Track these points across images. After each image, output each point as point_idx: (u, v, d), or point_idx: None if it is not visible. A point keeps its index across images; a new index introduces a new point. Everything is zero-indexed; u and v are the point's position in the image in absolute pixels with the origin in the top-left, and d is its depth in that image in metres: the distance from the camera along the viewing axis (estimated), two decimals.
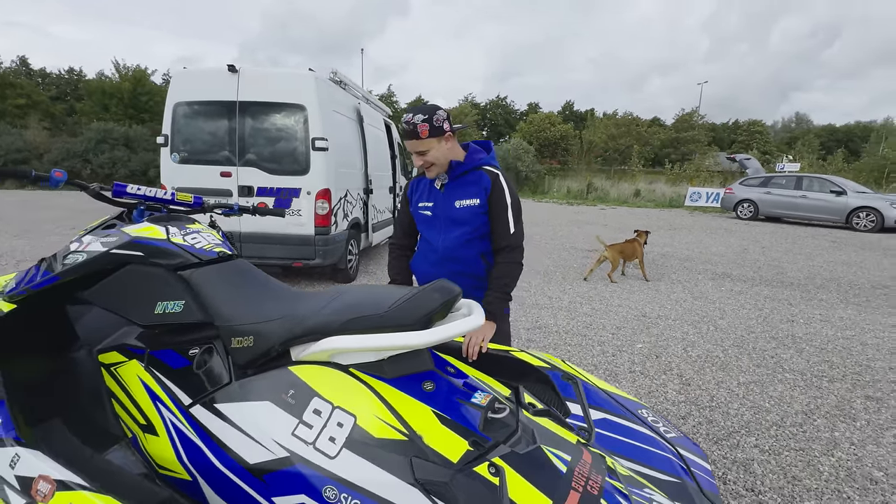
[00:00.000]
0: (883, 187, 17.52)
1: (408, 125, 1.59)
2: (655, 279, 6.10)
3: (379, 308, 0.98)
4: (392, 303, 0.99)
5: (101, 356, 1.51)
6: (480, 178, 1.68)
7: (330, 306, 1.05)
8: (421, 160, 1.62)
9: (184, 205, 1.63)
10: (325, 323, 1.01)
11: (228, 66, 4.53)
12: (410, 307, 0.97)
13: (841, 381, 3.10)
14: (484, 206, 1.66)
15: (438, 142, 1.61)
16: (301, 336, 1.04)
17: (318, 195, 4.62)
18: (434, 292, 1.01)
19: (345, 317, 1.00)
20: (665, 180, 24.07)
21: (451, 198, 1.70)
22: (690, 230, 11.42)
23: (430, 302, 0.99)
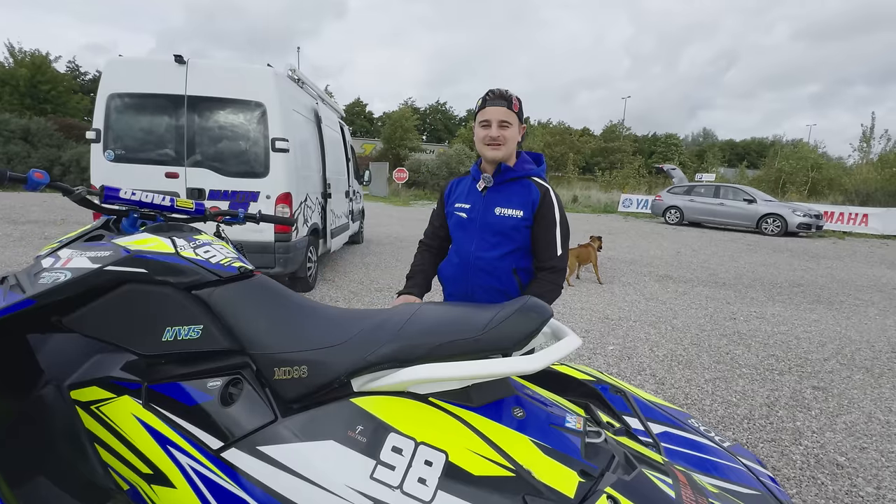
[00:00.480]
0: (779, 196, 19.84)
1: (500, 91, 1.51)
2: (608, 282, 6.40)
3: (472, 330, 0.89)
4: (486, 324, 0.90)
5: (73, 393, 1.26)
6: (529, 189, 1.57)
7: (407, 329, 0.94)
8: (497, 132, 1.49)
9: (184, 212, 1.42)
10: (408, 348, 0.90)
11: (175, 57, 4.11)
12: (509, 329, 0.89)
13: (789, 374, 3.42)
14: (528, 220, 1.55)
15: (518, 126, 1.55)
16: (376, 364, 0.92)
17: (279, 199, 4.33)
18: (530, 311, 0.94)
19: (433, 341, 0.89)
20: (598, 187, 25.57)
21: (492, 203, 1.57)
22: (628, 234, 12.19)
23: (529, 323, 0.91)
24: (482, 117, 1.53)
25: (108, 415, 1.21)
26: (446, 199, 1.73)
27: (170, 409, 1.12)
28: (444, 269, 1.74)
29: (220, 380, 1.11)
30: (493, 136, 1.51)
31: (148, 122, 4.22)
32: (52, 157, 18.88)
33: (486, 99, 1.54)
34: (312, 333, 1.02)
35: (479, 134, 1.55)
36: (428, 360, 0.89)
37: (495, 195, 1.59)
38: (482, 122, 1.53)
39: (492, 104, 1.52)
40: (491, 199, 1.59)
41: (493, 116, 1.51)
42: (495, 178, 1.59)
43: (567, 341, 0.97)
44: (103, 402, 1.22)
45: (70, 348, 1.32)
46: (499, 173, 1.59)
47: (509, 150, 1.56)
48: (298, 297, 1.21)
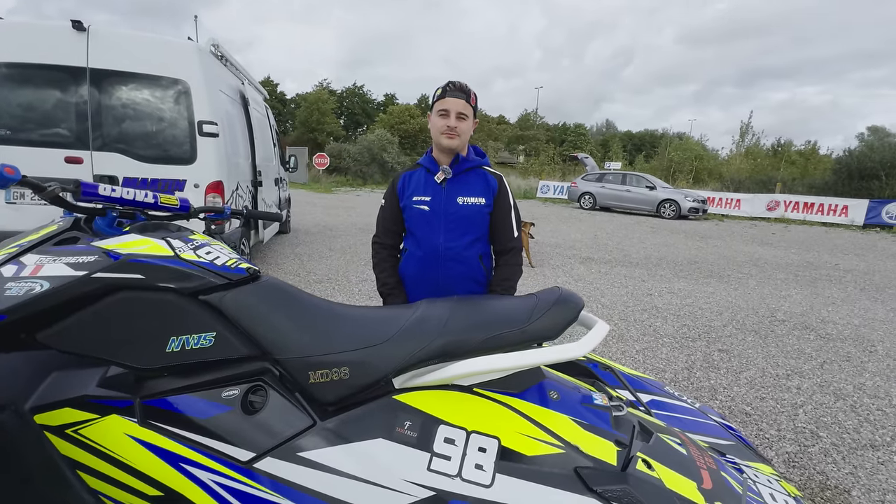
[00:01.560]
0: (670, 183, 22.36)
1: (460, 84, 1.57)
2: (539, 265, 6.81)
3: (517, 322, 0.95)
4: (529, 316, 0.96)
5: (38, 417, 1.12)
6: (486, 178, 1.67)
7: (453, 324, 0.97)
8: (455, 123, 1.55)
9: (167, 209, 1.29)
10: (457, 342, 0.94)
11: (73, 23, 3.54)
12: (551, 319, 0.96)
13: (699, 340, 3.96)
14: (489, 207, 1.65)
15: (473, 119, 1.62)
16: (426, 360, 0.94)
17: (209, 188, 3.97)
18: (567, 302, 1.01)
19: (482, 334, 0.94)
20: (517, 174, 26.69)
21: (454, 193, 1.64)
22: (549, 220, 12.96)
23: (568, 313, 0.99)
24: (441, 107, 1.59)
25: (92, 438, 1.09)
26: (400, 194, 1.72)
27: (176, 425, 1.05)
28: (407, 267, 1.73)
29: (237, 389, 1.05)
30: (451, 125, 1.57)
31: (39, 98, 3.61)
32: None
33: (445, 90, 1.60)
34: (349, 333, 1.01)
35: (437, 123, 1.61)
36: (477, 353, 0.94)
37: (455, 185, 1.66)
38: (440, 111, 1.59)
39: (451, 95, 1.59)
40: (452, 190, 1.65)
41: (452, 107, 1.58)
42: (453, 169, 1.65)
43: (600, 327, 1.08)
44: (83, 425, 1.10)
45: (12, 368, 1.15)
46: (456, 164, 1.66)
47: (463, 142, 1.64)
48: (313, 298, 1.18)
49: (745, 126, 28.15)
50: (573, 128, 53.51)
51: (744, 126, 28.15)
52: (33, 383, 1.14)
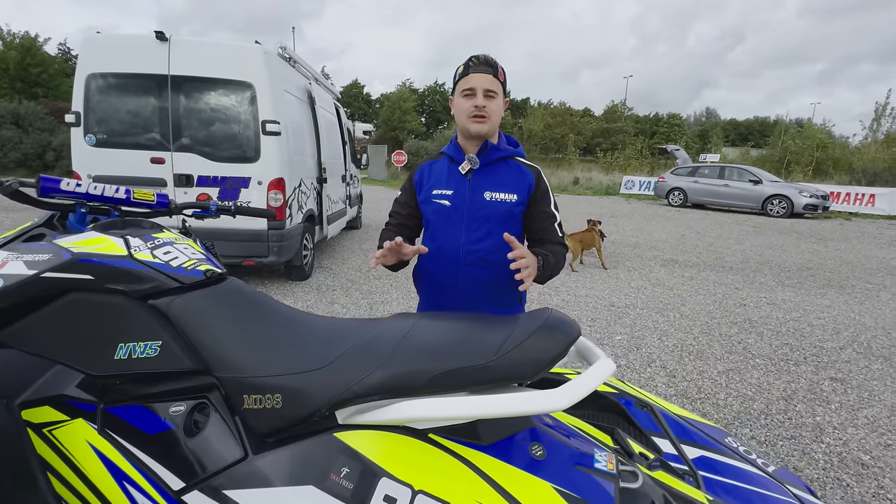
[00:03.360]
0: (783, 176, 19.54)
1: (485, 57, 1.34)
2: (612, 267, 6.24)
3: (481, 355, 0.73)
4: (499, 346, 0.73)
5: (25, 413, 1.10)
6: (521, 171, 1.42)
7: (401, 351, 0.77)
8: (484, 102, 1.32)
9: (143, 205, 1.24)
10: (402, 377, 0.74)
11: (156, 34, 3.86)
12: (527, 353, 0.73)
13: (805, 364, 3.28)
14: (522, 204, 1.40)
15: (503, 99, 1.39)
16: (363, 396, 0.76)
17: (271, 185, 4.13)
18: (553, 331, 0.77)
19: (433, 367, 0.73)
20: (599, 168, 25.22)
21: (480, 187, 1.40)
22: (631, 217, 11.98)
23: (552, 345, 0.75)
24: (465, 85, 1.36)
25: (60, 440, 1.05)
26: (418, 187, 1.50)
27: (127, 438, 0.97)
28: (423, 270, 1.51)
29: (184, 404, 0.95)
30: (479, 104, 1.33)
31: (130, 104, 4.00)
32: (44, 141, 18.52)
33: (468, 65, 1.36)
34: (290, 353, 0.86)
35: (461, 105, 1.37)
36: (427, 391, 0.73)
37: (482, 178, 1.41)
38: (465, 91, 1.36)
39: (476, 70, 1.35)
40: (478, 183, 1.41)
41: (478, 84, 1.34)
42: (481, 159, 1.41)
43: (599, 367, 0.81)
44: (56, 426, 1.07)
45: (24, 360, 1.16)
46: (485, 152, 1.41)
47: (494, 125, 1.40)
48: (279, 307, 1.04)
49: (881, 108, 23.72)
50: (666, 118, 49.36)
51: (879, 108, 23.72)
52: (32, 378, 1.14)
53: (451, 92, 1.44)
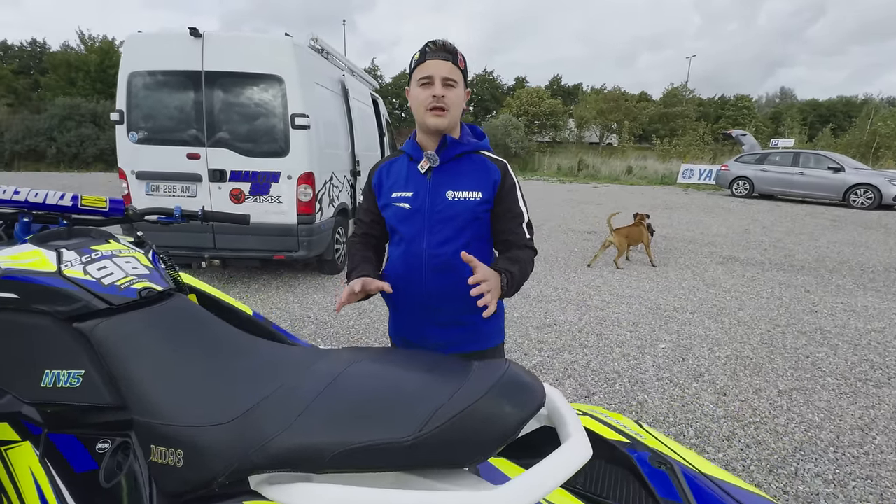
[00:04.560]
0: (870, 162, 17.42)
1: (443, 42, 1.21)
2: (662, 264, 5.77)
3: (403, 427, 0.55)
4: (427, 417, 0.55)
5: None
6: (485, 167, 1.27)
7: (314, 411, 0.61)
8: (442, 92, 1.18)
9: (94, 213, 1.15)
10: (304, 449, 0.58)
11: (190, 30, 3.91)
12: (461, 431, 0.55)
13: (889, 386, 2.80)
14: (488, 202, 1.26)
15: (464, 88, 1.25)
16: (264, 467, 0.61)
17: (301, 179, 4.11)
18: (503, 399, 0.58)
19: (340, 440, 0.56)
20: (655, 156, 23.78)
21: (441, 186, 1.26)
22: (688, 209, 11.14)
23: (499, 422, 0.56)
24: (421, 73, 1.21)
25: (11, 461, 0.99)
26: (377, 190, 1.35)
27: (59, 472, 0.88)
28: (394, 272, 1.35)
29: (109, 441, 0.85)
30: (437, 94, 1.18)
31: (168, 101, 4.10)
32: None
33: (424, 51, 1.21)
34: (202, 398, 0.72)
35: (418, 96, 1.22)
36: (333, 469, 0.57)
37: (444, 176, 1.27)
38: (422, 79, 1.21)
39: (433, 57, 1.20)
40: (439, 182, 1.26)
41: (435, 72, 1.19)
42: (440, 155, 1.26)
43: (567, 454, 0.60)
44: (10, 446, 1.01)
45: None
46: (444, 148, 1.25)
47: (454, 118, 1.24)
48: (224, 333, 0.91)
49: None
50: (733, 101, 45.62)
51: None
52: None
53: (408, 82, 1.29)
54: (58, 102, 21.74)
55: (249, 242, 4.22)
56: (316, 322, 3.71)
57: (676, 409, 2.52)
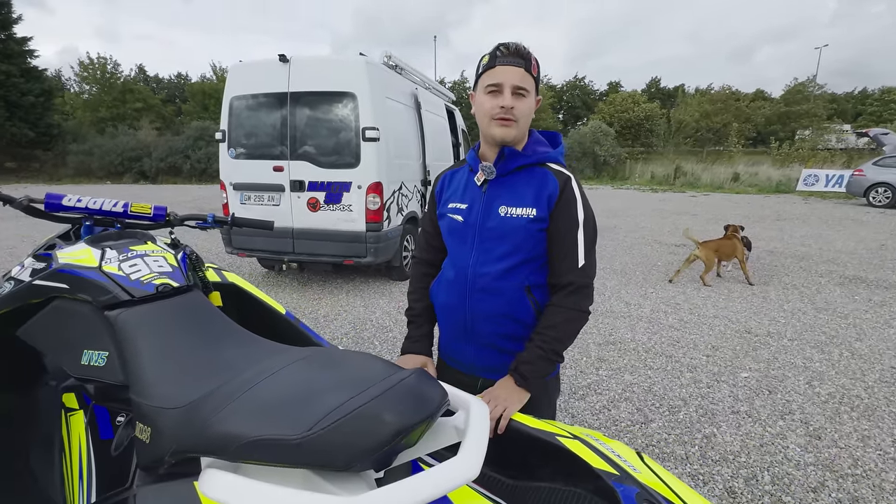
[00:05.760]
0: None
1: (516, 46, 1.10)
2: (762, 283, 5.08)
3: (298, 425, 0.56)
4: (320, 417, 0.56)
5: (65, 396, 1.27)
6: (544, 180, 1.15)
7: (244, 402, 0.65)
8: (511, 102, 1.08)
9: (141, 218, 1.33)
10: (220, 437, 0.62)
11: (279, 56, 4.36)
12: (342, 434, 0.55)
13: None
14: (543, 220, 1.14)
15: (535, 98, 1.15)
16: (191, 450, 0.66)
17: (370, 189, 4.34)
18: (385, 407, 0.57)
19: (246, 432, 0.59)
20: (771, 161, 21.10)
21: (495, 200, 1.18)
22: (805, 221, 9.70)
23: (373, 430, 0.55)
24: (490, 80, 1.11)
25: (70, 426, 1.18)
26: (438, 197, 1.32)
27: (93, 438, 1.04)
28: (437, 291, 1.32)
29: (124, 416, 0.98)
30: (505, 105, 1.08)
31: (261, 120, 4.59)
32: None
33: (495, 55, 1.11)
34: (178, 383, 0.79)
35: (484, 104, 1.13)
36: (239, 458, 0.59)
37: (498, 190, 1.18)
38: (489, 87, 1.11)
39: (504, 63, 1.09)
40: (494, 195, 1.18)
41: (506, 79, 1.08)
42: (497, 168, 1.17)
43: (437, 473, 0.55)
44: (72, 412, 1.20)
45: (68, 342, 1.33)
46: (502, 160, 1.16)
47: (522, 130, 1.14)
48: (225, 329, 1.00)
49: None
50: (878, 94, 38.93)
51: None
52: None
53: (473, 87, 1.22)
54: (192, 125, 25.47)
55: (323, 248, 4.54)
56: (377, 326, 3.87)
57: (752, 449, 2.19)
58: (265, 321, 1.50)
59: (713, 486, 1.95)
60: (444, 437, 0.73)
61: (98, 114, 32.17)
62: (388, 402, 0.58)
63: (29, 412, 1.27)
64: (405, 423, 0.57)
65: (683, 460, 2.12)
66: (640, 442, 2.25)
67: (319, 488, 0.59)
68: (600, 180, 23.80)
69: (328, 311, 4.21)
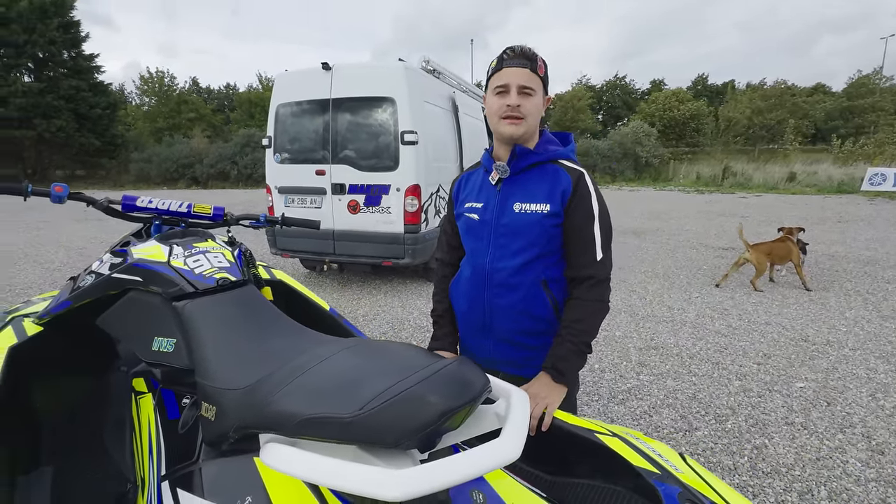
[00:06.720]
0: None
1: (521, 48, 1.16)
2: (821, 289, 4.77)
3: (350, 405, 0.61)
4: (370, 398, 0.60)
5: (135, 381, 1.38)
6: (557, 177, 1.19)
7: (296, 386, 0.70)
8: (518, 101, 1.14)
9: (202, 217, 1.43)
10: (280, 414, 0.67)
11: (322, 65, 4.53)
12: (390, 415, 0.58)
13: None
14: (557, 216, 1.18)
15: (543, 96, 1.20)
16: (253, 426, 0.71)
17: (408, 192, 4.42)
18: (430, 390, 0.60)
19: (305, 410, 0.64)
20: (832, 160, 19.75)
21: (509, 198, 1.23)
22: (871, 223, 9.02)
23: (421, 410, 0.58)
24: (497, 82, 1.18)
25: (140, 409, 1.29)
26: (455, 199, 1.38)
27: (161, 418, 1.13)
28: (455, 288, 1.37)
29: (189, 398, 1.06)
30: (512, 103, 1.14)
31: (305, 126, 4.78)
32: None
33: (502, 58, 1.18)
34: (238, 368, 0.86)
35: (493, 105, 1.19)
36: (297, 434, 0.64)
37: (512, 187, 1.23)
38: (497, 88, 1.18)
39: (510, 64, 1.16)
40: (507, 193, 1.23)
41: (512, 80, 1.15)
42: (511, 166, 1.22)
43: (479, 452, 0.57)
44: (141, 395, 1.31)
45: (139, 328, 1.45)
46: (514, 158, 1.21)
47: (531, 127, 1.19)
48: (274, 318, 1.07)
49: None
50: None
51: None
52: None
53: (484, 89, 1.28)
54: (240, 133, 26.78)
55: (362, 249, 4.66)
56: (414, 326, 3.93)
57: (807, 463, 2.07)
58: (311, 316, 1.58)
59: (763, 498, 1.86)
60: (486, 422, 0.76)
61: (156, 124, 34.49)
62: (434, 385, 0.61)
63: (103, 395, 1.39)
64: (449, 406, 0.59)
65: (731, 471, 2.03)
66: (684, 450, 2.18)
67: (368, 463, 0.63)
68: (641, 181, 23.05)
69: (367, 311, 4.32)
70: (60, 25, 24.58)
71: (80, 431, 1.32)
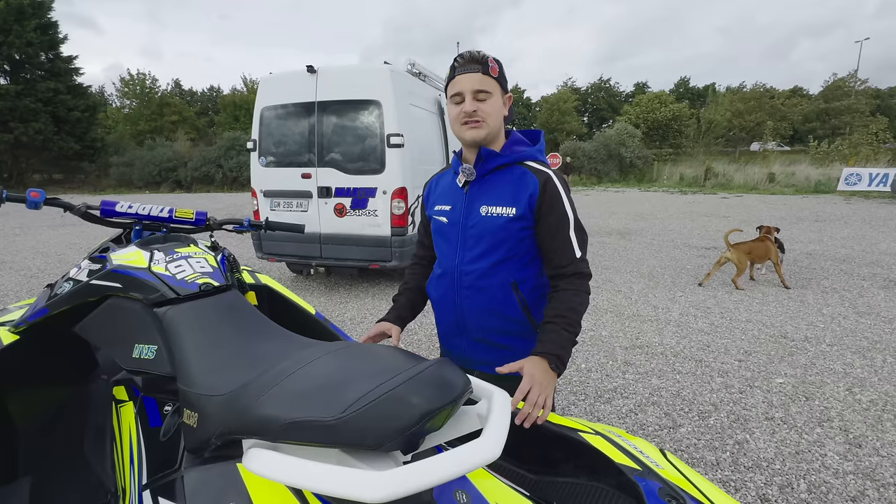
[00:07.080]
0: None
1: (471, 54, 1.16)
2: (799, 287, 4.90)
3: (333, 408, 0.61)
4: (352, 401, 0.60)
5: (115, 389, 1.36)
6: (523, 179, 1.20)
7: (279, 390, 0.70)
8: (473, 106, 1.15)
9: (184, 222, 1.42)
10: (264, 419, 0.67)
11: (308, 67, 4.51)
12: (372, 418, 0.58)
13: None
14: (524, 219, 1.19)
15: (501, 96, 1.20)
16: (235, 432, 0.71)
17: (394, 194, 4.42)
18: (412, 392, 0.60)
19: (287, 414, 0.64)
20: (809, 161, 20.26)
21: (476, 200, 1.24)
22: (847, 222, 9.28)
23: (402, 412, 0.59)
24: (452, 91, 1.20)
25: (121, 417, 1.27)
26: (425, 201, 1.40)
27: (143, 426, 1.11)
28: (430, 288, 1.39)
29: (171, 405, 1.05)
30: (468, 110, 1.16)
31: (290, 129, 4.74)
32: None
33: (454, 67, 1.20)
34: (220, 373, 0.85)
35: (452, 113, 1.22)
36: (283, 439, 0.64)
37: (479, 190, 1.24)
38: (453, 96, 1.20)
39: (462, 71, 1.17)
40: (473, 196, 1.24)
41: (465, 87, 1.16)
42: (477, 168, 1.23)
43: (460, 452, 0.58)
44: (122, 404, 1.29)
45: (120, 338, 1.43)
46: (480, 161, 1.22)
47: (493, 128, 1.19)
48: (258, 323, 1.07)
49: None
50: None
51: None
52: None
53: (445, 94, 1.29)
54: (224, 136, 26.43)
55: (349, 252, 4.64)
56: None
57: (787, 457, 2.13)
58: (296, 320, 1.57)
59: (745, 492, 1.90)
60: (468, 423, 0.77)
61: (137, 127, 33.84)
62: (415, 387, 0.62)
63: (82, 404, 1.37)
64: (431, 407, 0.60)
65: (714, 466, 2.07)
66: (669, 447, 2.21)
67: (351, 465, 0.63)
68: (627, 182, 23.36)
69: (355, 315, 4.30)
70: (38, 27, 23.99)
71: (59, 441, 1.29)
